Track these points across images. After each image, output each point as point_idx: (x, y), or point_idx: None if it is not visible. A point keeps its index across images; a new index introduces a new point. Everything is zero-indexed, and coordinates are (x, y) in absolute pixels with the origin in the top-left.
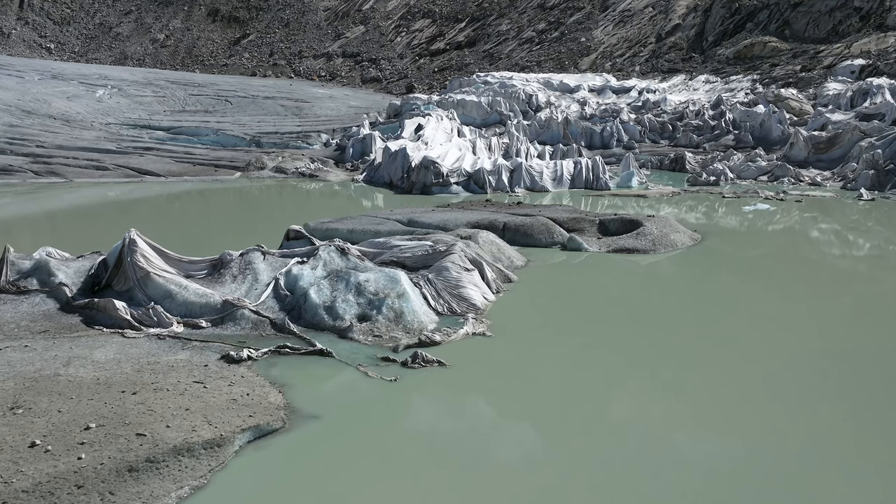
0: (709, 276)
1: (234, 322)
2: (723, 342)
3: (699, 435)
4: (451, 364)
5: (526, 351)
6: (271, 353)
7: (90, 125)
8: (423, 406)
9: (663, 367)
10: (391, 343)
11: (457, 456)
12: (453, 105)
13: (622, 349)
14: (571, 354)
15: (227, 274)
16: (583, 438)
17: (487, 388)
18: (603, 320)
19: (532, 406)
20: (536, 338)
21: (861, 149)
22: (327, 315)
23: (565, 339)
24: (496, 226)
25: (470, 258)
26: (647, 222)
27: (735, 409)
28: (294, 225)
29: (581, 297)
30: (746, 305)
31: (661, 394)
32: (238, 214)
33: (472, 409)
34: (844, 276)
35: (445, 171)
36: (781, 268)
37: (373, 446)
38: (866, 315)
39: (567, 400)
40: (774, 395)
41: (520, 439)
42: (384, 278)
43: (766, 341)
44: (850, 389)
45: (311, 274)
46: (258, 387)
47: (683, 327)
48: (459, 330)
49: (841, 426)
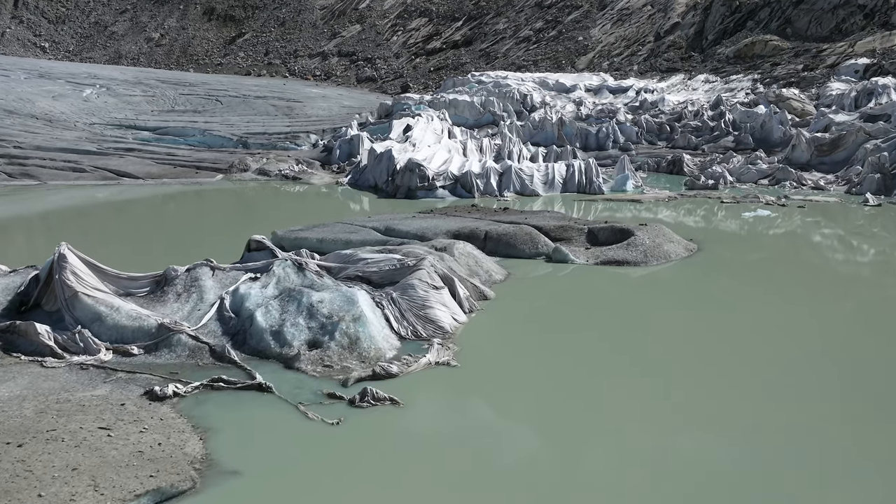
0: (703, 292)
1: (169, 349)
2: (719, 371)
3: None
4: (406, 402)
5: (494, 385)
6: (203, 388)
7: (73, 125)
8: (365, 459)
9: (653, 404)
10: (342, 374)
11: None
12: (445, 105)
13: (605, 384)
14: (547, 390)
15: (171, 292)
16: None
17: (443, 435)
18: (584, 346)
19: (496, 461)
20: (508, 368)
21: (866, 151)
22: (274, 341)
23: (541, 369)
24: (477, 235)
25: (441, 274)
26: (639, 232)
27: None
28: (256, 235)
29: (562, 317)
30: (744, 327)
31: (651, 439)
32: (207, 220)
33: (422, 464)
34: (855, 295)
35: (431, 174)
36: (783, 283)
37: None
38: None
39: (540, 454)
40: (774, 427)
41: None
42: (340, 299)
43: (767, 370)
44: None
45: (261, 293)
46: (176, 433)
47: (675, 352)
48: (421, 359)
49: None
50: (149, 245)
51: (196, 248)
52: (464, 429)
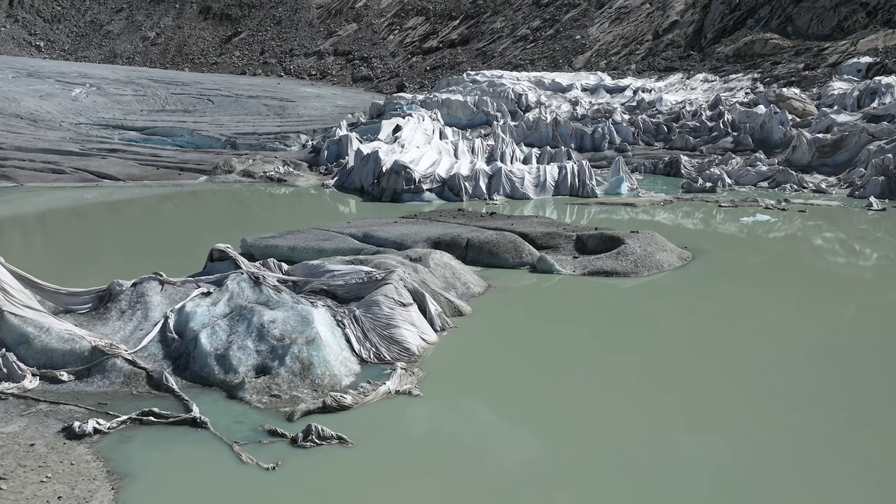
0: (697, 307)
1: (102, 375)
2: (714, 399)
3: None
4: (356, 441)
5: (459, 419)
6: (131, 422)
7: (58, 125)
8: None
9: (644, 438)
10: (290, 406)
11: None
12: (437, 105)
13: (588, 415)
14: (520, 424)
15: (115, 309)
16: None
17: (393, 483)
18: (564, 370)
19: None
20: (476, 398)
21: (869, 153)
22: (218, 366)
23: (514, 398)
24: (458, 243)
25: (411, 289)
26: (630, 239)
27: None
28: (220, 244)
29: (541, 336)
30: (740, 345)
31: (639, 481)
32: (178, 225)
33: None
34: (865, 319)
35: (418, 176)
36: (781, 297)
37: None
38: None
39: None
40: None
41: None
42: (294, 318)
43: (765, 403)
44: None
45: (208, 312)
46: (84, 481)
47: (666, 376)
48: (379, 387)
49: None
50: (106, 254)
51: (158, 256)
52: (417, 476)
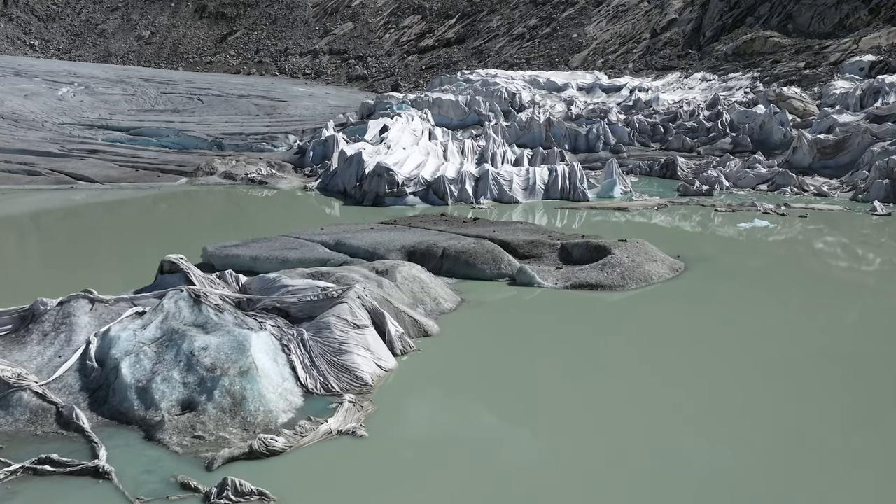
0: (685, 323)
1: (6, 410)
2: (705, 433)
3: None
4: (280, 496)
5: (406, 467)
6: (24, 471)
7: (41, 125)
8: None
9: (626, 478)
10: (214, 449)
11: None
12: (428, 104)
13: (561, 459)
14: (479, 470)
15: (37, 331)
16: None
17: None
18: (537, 403)
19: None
20: (429, 439)
21: (873, 154)
22: (139, 401)
23: (474, 437)
24: (434, 252)
25: (369, 308)
26: (617, 249)
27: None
28: (172, 254)
29: (514, 359)
30: (735, 368)
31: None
32: (143, 231)
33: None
34: (868, 325)
35: (401, 179)
36: (780, 315)
37: None
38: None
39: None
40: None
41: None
42: (229, 345)
43: (765, 409)
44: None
45: (135, 336)
46: None
47: (652, 406)
48: (320, 426)
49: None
50: (53, 265)
51: (111, 267)
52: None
